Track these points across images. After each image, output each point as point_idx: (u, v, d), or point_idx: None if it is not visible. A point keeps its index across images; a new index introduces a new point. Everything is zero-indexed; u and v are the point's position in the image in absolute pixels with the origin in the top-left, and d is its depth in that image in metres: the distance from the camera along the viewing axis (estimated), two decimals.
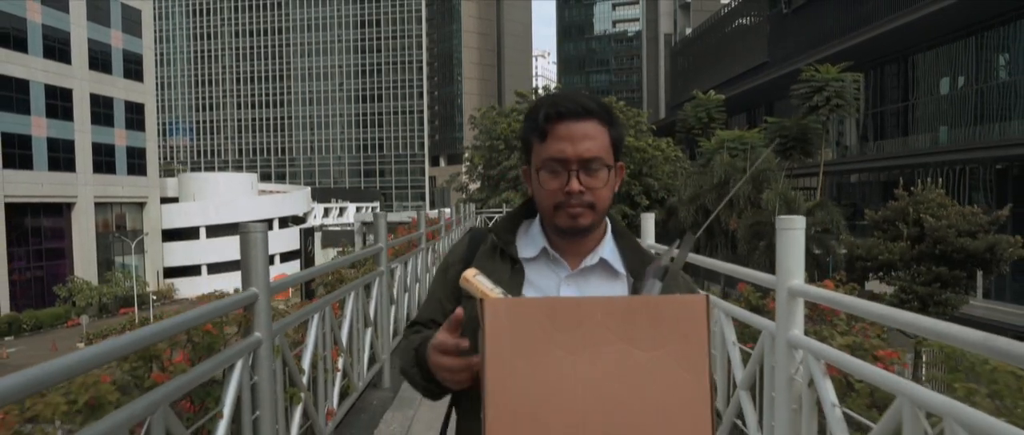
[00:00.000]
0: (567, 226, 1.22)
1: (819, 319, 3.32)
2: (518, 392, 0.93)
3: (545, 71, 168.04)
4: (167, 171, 53.74)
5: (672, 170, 31.85)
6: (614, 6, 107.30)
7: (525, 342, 0.94)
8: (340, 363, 3.88)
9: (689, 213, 26.14)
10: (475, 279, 1.11)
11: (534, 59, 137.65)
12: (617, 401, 0.93)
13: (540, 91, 39.97)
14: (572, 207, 1.19)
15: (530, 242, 1.30)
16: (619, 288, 1.27)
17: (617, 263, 1.28)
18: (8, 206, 34.13)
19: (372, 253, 4.96)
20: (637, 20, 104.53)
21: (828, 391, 2.31)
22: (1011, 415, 2.03)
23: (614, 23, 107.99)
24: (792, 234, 2.54)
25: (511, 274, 1.26)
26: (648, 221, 5.34)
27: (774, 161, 24.61)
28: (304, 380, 3.16)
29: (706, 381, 0.93)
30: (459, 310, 1.09)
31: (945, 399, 1.72)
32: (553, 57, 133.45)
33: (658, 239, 5.30)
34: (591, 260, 1.27)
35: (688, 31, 76.56)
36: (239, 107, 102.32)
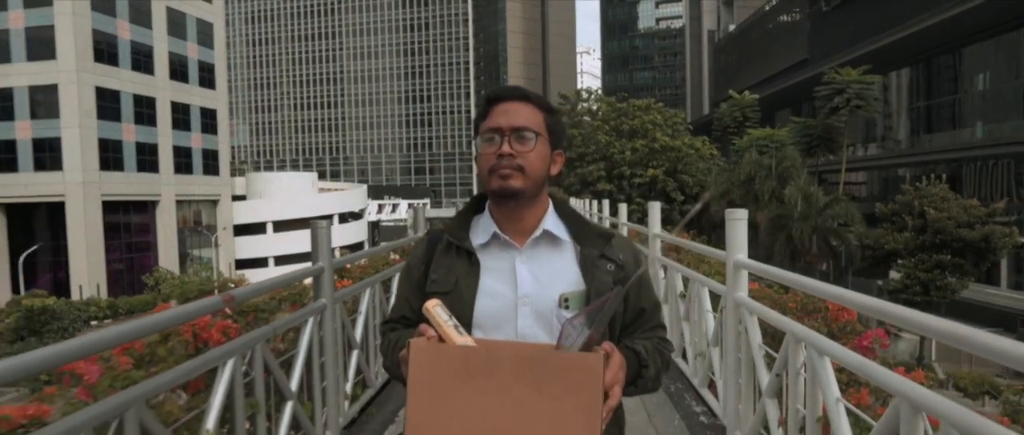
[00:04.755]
0: (498, 187, 1.34)
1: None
2: (435, 425, 1.07)
3: (590, 67, 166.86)
4: (233, 171, 57.59)
5: (706, 167, 33.36)
6: (657, 3, 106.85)
7: (443, 383, 1.08)
8: None
9: (720, 208, 27.71)
10: (434, 310, 1.21)
11: (578, 56, 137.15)
12: None
13: (584, 93, 41.89)
14: (503, 169, 1.32)
15: (481, 231, 1.42)
16: (566, 253, 1.40)
17: (561, 233, 1.41)
18: (105, 204, 38.01)
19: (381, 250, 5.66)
20: (680, 17, 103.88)
21: (755, 334, 2.91)
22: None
23: (657, 20, 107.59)
24: (738, 222, 3.18)
25: (468, 266, 1.38)
26: (654, 209, 5.80)
27: (797, 159, 26.04)
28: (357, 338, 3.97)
29: (597, 430, 1.04)
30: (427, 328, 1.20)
31: (827, 342, 2.24)
32: (597, 53, 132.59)
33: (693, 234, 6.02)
34: (536, 234, 1.39)
35: (731, 28, 75.48)
36: (295, 108, 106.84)
